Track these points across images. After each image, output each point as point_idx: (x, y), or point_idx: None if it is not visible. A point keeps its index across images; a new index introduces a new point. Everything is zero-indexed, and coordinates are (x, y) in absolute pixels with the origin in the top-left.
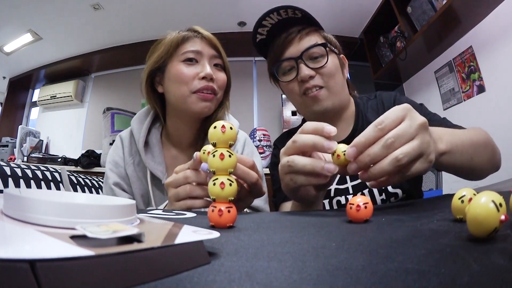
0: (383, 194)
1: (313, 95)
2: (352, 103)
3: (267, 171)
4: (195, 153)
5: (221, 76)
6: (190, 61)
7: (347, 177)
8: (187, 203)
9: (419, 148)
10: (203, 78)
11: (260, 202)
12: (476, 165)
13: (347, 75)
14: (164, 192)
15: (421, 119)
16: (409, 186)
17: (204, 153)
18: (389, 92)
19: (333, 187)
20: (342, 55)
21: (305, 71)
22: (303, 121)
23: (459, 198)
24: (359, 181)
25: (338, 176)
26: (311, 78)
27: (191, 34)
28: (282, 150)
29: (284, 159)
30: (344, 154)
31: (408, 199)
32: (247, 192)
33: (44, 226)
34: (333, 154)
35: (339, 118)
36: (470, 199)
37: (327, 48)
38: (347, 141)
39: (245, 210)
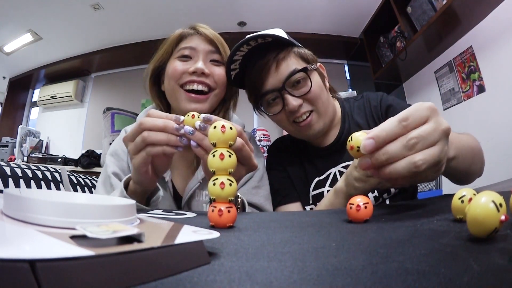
0: (375, 191)
1: (305, 123)
2: (338, 108)
3: None
4: (180, 117)
5: (218, 71)
6: (184, 57)
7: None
8: (145, 152)
9: (438, 157)
10: (194, 73)
11: (260, 199)
12: (472, 171)
13: (328, 83)
14: (167, 189)
15: (446, 124)
16: None
17: (188, 116)
18: (376, 92)
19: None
20: (319, 64)
21: (292, 102)
22: None
23: (459, 198)
24: None
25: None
26: (299, 107)
27: (188, 31)
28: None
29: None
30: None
31: (401, 194)
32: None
33: (44, 226)
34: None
35: (329, 129)
36: (470, 199)
37: (308, 71)
38: (334, 144)
39: (246, 209)
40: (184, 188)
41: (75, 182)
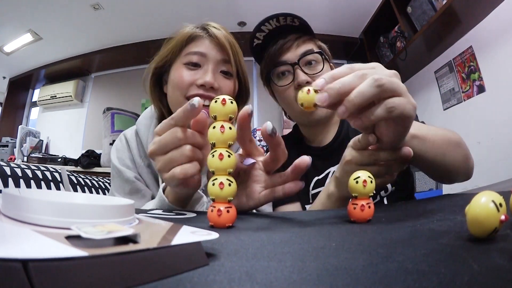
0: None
1: None
2: None
3: None
4: (195, 99)
5: (226, 84)
6: (193, 65)
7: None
8: (176, 171)
9: (395, 82)
10: (202, 85)
11: None
12: (449, 164)
13: None
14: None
15: (392, 70)
16: (398, 179)
17: (216, 102)
18: None
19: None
20: (331, 64)
21: (302, 76)
22: (295, 127)
23: (354, 179)
24: None
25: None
26: (307, 84)
27: (199, 33)
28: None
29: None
30: (316, 91)
31: (399, 192)
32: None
33: (41, 226)
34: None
35: (329, 123)
36: (365, 181)
37: (323, 56)
38: (332, 143)
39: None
40: None
41: (75, 182)
